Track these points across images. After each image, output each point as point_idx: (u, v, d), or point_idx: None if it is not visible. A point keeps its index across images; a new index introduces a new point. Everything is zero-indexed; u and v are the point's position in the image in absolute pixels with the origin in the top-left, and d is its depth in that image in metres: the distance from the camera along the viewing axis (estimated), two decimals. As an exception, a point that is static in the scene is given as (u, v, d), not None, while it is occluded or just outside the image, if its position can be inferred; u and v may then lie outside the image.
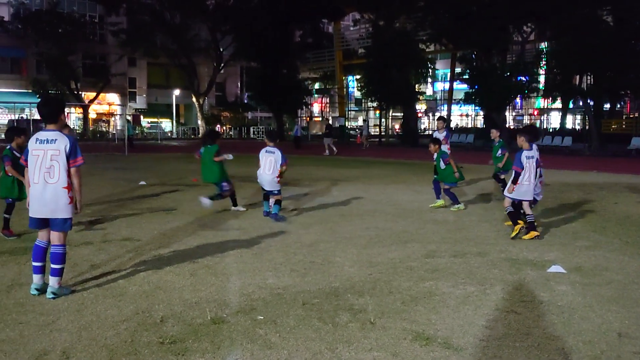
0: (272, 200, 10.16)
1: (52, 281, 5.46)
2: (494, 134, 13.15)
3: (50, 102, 5.72)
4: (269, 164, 9.95)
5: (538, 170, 8.72)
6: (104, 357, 4.18)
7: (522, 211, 8.70)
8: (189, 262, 6.90)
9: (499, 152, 12.56)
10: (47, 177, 5.30)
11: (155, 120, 59.30)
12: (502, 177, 12.50)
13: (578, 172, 20.06)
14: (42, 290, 5.53)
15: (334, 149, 31.80)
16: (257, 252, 7.49)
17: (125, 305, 5.30)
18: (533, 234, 8.45)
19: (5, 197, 8.35)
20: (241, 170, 15.75)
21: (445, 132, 14.65)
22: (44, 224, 5.48)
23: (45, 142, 5.34)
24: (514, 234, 8.53)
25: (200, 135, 56.08)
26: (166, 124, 61.18)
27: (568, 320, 5.04)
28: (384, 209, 11.42)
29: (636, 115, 45.25)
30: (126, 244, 7.92)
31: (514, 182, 8.62)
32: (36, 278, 5.57)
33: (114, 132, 51.08)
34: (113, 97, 57.98)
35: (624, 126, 39.18)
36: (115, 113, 58.18)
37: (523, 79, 36.28)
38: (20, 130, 8.72)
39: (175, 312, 5.14)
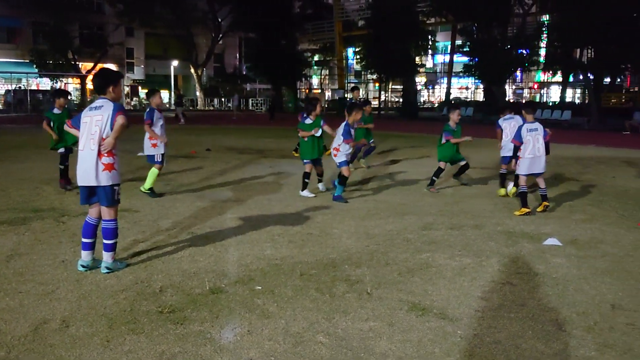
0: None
1: (106, 256, 5.45)
2: (368, 109, 13.47)
3: (99, 74, 5.66)
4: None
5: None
6: (103, 325, 4.23)
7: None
8: (187, 233, 6.94)
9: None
10: (92, 144, 5.28)
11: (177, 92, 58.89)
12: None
13: (577, 146, 20.04)
14: (88, 266, 5.51)
15: (182, 119, 32.05)
16: (255, 224, 7.53)
17: (124, 275, 5.35)
18: (524, 210, 8.37)
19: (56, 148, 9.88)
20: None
21: None
22: (92, 195, 5.41)
23: (94, 109, 5.37)
24: (518, 213, 8.35)
25: (198, 107, 55.91)
26: (164, 96, 60.84)
27: (562, 292, 5.10)
28: (382, 181, 11.44)
29: (636, 89, 45.02)
30: (125, 214, 7.94)
31: (515, 156, 8.61)
32: (84, 254, 5.53)
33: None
34: (111, 68, 57.48)
35: (623, 100, 39.00)
36: (113, 84, 57.53)
37: (524, 52, 36.01)
38: (60, 93, 10.42)
39: (174, 282, 5.18)
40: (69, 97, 13.31)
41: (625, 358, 3.87)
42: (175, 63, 56.56)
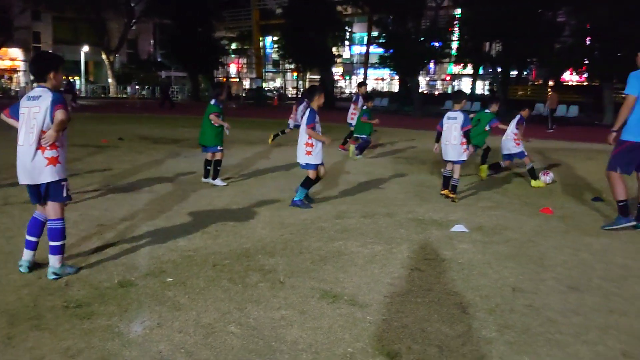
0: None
1: (52, 260, 4.99)
2: (370, 104, 14.09)
3: (38, 59, 5.13)
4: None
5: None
6: (4, 322, 4.05)
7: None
8: (96, 226, 6.73)
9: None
10: (31, 138, 4.84)
11: (64, 77, 56.26)
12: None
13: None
14: (31, 267, 5.12)
15: (73, 104, 31.24)
16: (168, 215, 7.40)
17: (27, 270, 5.13)
18: (445, 192, 9.08)
19: None
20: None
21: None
22: (39, 195, 5.01)
23: (33, 99, 4.87)
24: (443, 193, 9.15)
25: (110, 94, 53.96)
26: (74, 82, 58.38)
27: (467, 277, 5.33)
28: (297, 171, 11.47)
29: (541, 82, 47.35)
30: (28, 206, 7.58)
31: (436, 140, 8.94)
32: (26, 254, 5.13)
33: (17, 89, 48.31)
34: (16, 53, 54.61)
35: (529, 93, 41.00)
36: (18, 69, 55.01)
37: (436, 44, 37.01)
38: None
39: (81, 276, 5.02)
40: None
41: (524, 338, 4.10)
42: (85, 49, 54.30)
